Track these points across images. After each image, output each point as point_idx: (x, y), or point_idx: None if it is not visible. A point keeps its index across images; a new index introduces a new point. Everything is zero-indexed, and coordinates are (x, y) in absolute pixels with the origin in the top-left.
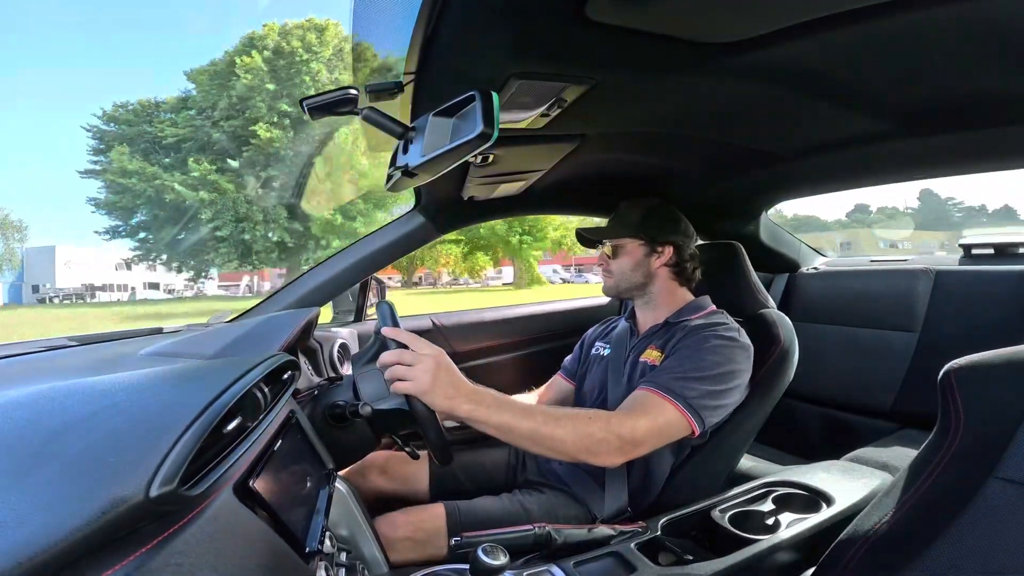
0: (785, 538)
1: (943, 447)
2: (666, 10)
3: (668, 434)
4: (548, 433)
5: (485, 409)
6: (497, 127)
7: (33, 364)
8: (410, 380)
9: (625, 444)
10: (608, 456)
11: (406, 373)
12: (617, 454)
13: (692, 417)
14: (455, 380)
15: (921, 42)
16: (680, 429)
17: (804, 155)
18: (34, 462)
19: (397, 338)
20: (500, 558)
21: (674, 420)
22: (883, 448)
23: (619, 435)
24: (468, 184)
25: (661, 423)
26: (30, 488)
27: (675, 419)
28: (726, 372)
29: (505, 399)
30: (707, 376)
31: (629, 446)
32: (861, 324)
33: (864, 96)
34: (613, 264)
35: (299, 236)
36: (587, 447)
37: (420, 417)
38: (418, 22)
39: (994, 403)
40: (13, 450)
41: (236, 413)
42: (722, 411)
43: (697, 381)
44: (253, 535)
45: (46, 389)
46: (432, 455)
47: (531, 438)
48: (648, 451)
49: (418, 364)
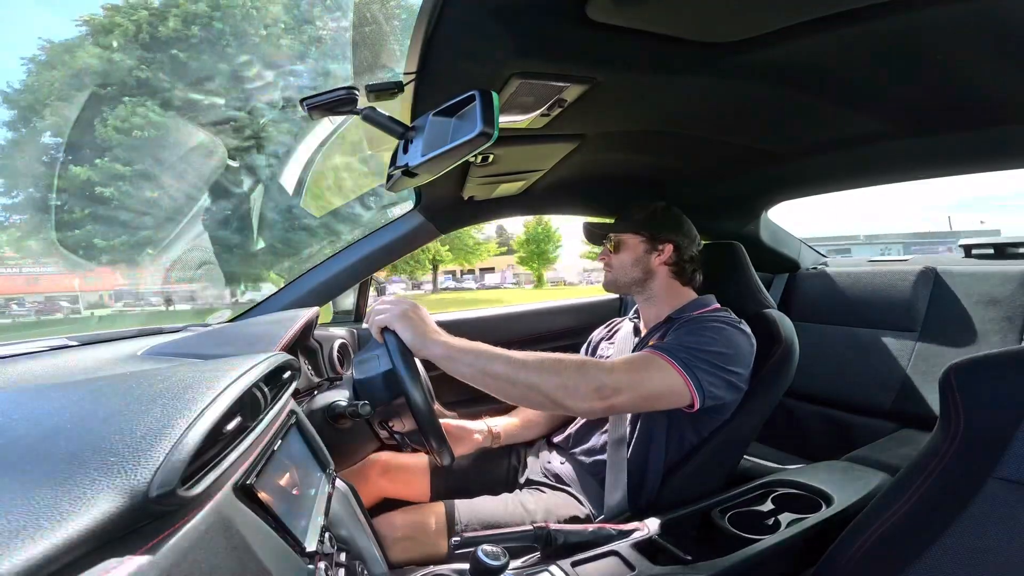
0: (785, 538)
1: (943, 447)
2: (666, 10)
3: (665, 394)
4: (523, 377)
5: (458, 349)
6: (497, 127)
7: (33, 364)
8: (384, 314)
9: (605, 388)
10: (585, 401)
11: (382, 309)
12: (594, 398)
13: (691, 381)
14: (430, 323)
15: (921, 42)
16: (679, 394)
17: (804, 155)
18: (32, 461)
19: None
20: (500, 558)
21: (675, 384)
22: (883, 448)
23: (598, 378)
24: (468, 184)
25: (657, 379)
26: (28, 487)
27: (676, 382)
28: (729, 353)
29: (480, 344)
30: (710, 351)
31: (609, 390)
32: (861, 324)
33: (864, 96)
34: (614, 259)
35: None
36: (564, 387)
37: (417, 411)
38: (418, 22)
39: (994, 403)
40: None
41: (236, 413)
42: (722, 390)
43: (700, 353)
44: (253, 535)
45: (45, 389)
46: (432, 456)
47: (506, 379)
48: (627, 402)
49: (395, 305)
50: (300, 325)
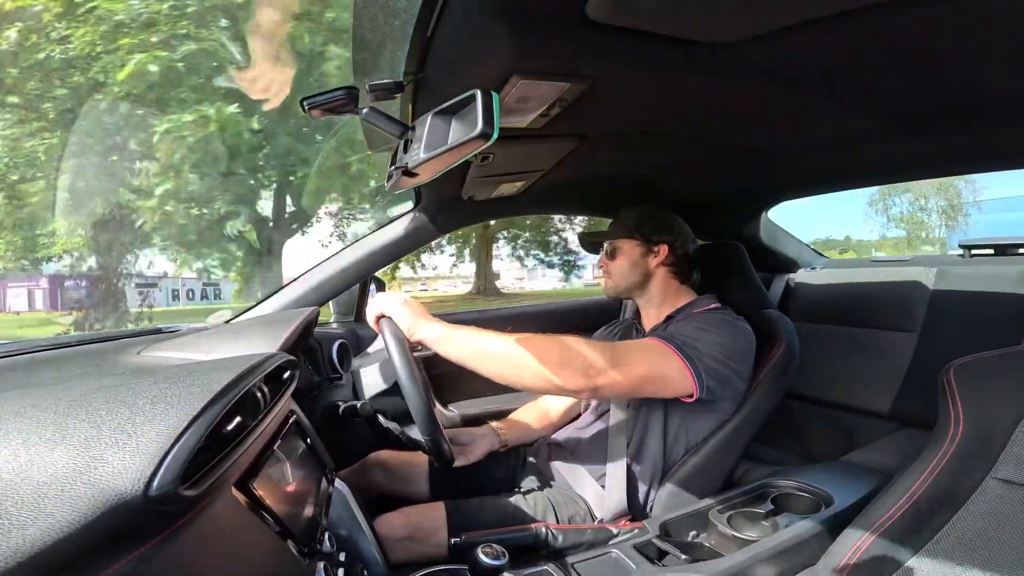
0: (784, 539)
1: (942, 447)
2: (666, 10)
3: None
4: (516, 353)
5: (451, 329)
6: (497, 127)
7: (32, 363)
8: (380, 303)
9: (596, 364)
10: (576, 376)
11: (378, 298)
12: (587, 374)
13: (690, 367)
14: (422, 308)
15: (921, 42)
16: (678, 380)
17: (804, 155)
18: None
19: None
20: (500, 558)
21: (673, 369)
22: (882, 448)
23: (591, 354)
24: (468, 184)
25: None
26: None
27: (674, 366)
28: (728, 345)
29: (469, 327)
30: (710, 341)
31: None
32: (861, 324)
33: (864, 96)
34: (612, 266)
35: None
36: (555, 362)
37: (415, 409)
38: (418, 22)
39: (993, 403)
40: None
41: (236, 413)
42: (721, 381)
43: (699, 342)
44: (252, 535)
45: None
46: (432, 459)
47: (498, 356)
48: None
49: (390, 297)
50: (300, 325)
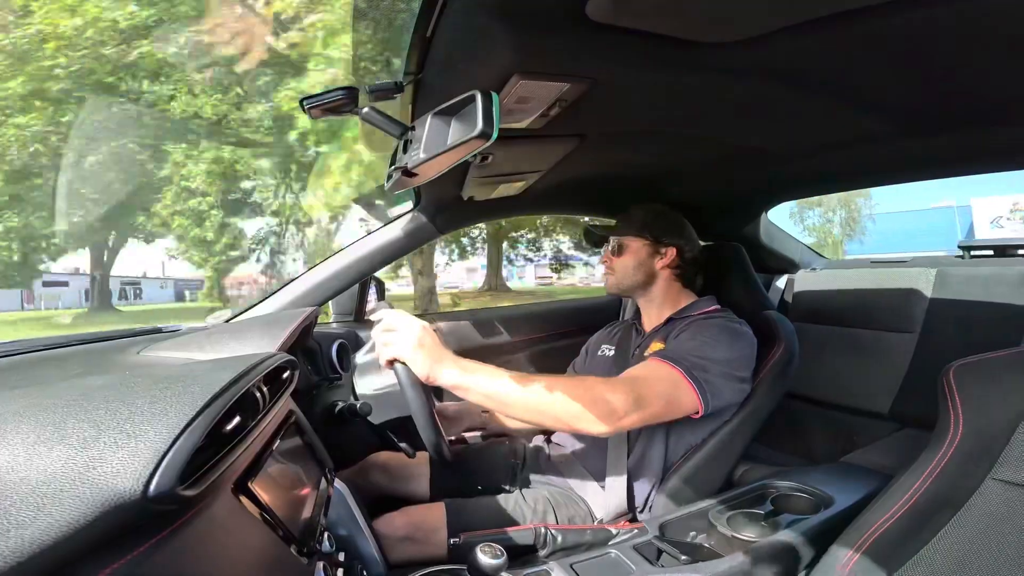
0: (784, 540)
1: (942, 448)
2: (666, 10)
3: (673, 405)
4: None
5: (469, 376)
6: (497, 127)
7: (32, 363)
8: (394, 345)
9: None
10: (596, 425)
11: (390, 338)
12: (606, 422)
13: (697, 390)
14: (438, 348)
15: (921, 42)
16: (686, 403)
17: (804, 155)
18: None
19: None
20: (499, 558)
21: (682, 394)
22: (882, 449)
23: (609, 403)
24: (468, 184)
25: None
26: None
27: (683, 391)
28: (733, 358)
29: (489, 367)
30: (716, 358)
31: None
32: (860, 325)
33: (864, 96)
34: (616, 262)
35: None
36: (575, 413)
37: (415, 410)
38: (418, 22)
39: (993, 404)
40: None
41: (235, 413)
42: (727, 394)
43: (706, 360)
44: (251, 535)
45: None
46: (432, 455)
47: (517, 404)
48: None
49: (402, 331)
50: (300, 325)
